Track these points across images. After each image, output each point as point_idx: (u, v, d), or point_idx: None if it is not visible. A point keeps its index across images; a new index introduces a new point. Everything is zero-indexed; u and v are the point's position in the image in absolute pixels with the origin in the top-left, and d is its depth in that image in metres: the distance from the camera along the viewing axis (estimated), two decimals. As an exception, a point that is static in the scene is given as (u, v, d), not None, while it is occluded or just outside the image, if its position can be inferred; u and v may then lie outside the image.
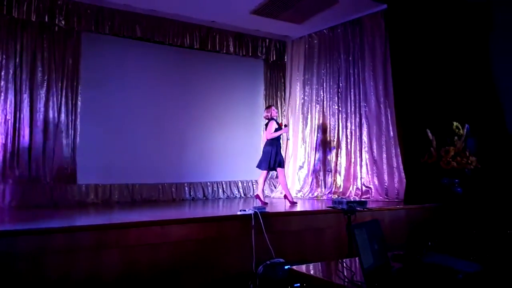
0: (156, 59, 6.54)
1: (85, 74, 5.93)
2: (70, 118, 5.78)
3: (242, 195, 7.06)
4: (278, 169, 5.59)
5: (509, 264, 2.11)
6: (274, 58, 7.53)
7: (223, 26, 6.85)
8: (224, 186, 6.92)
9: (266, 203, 5.49)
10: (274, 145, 5.57)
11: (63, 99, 5.74)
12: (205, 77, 6.95)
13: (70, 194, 5.61)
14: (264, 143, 5.78)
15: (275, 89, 7.74)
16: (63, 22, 5.63)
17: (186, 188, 6.54)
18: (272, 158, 5.49)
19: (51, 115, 5.65)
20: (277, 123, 5.68)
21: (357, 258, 1.87)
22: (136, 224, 3.29)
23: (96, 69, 6.02)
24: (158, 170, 6.33)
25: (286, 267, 3.43)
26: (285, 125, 5.71)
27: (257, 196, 5.64)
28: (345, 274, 2.10)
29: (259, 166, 5.62)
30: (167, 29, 6.42)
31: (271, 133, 5.58)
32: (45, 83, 5.63)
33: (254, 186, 7.25)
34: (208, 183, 6.76)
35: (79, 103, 5.86)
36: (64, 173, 5.64)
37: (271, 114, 5.75)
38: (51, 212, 4.73)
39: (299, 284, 2.30)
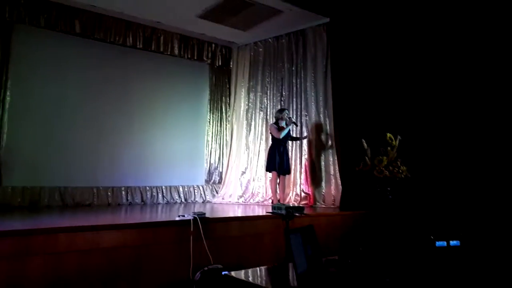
0: (96, 56, 6.26)
1: (16, 69, 5.55)
2: (-4, 115, 5.36)
3: (183, 200, 6.93)
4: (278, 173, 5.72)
5: (428, 269, 2.26)
6: (220, 63, 7.53)
7: (168, 28, 6.74)
8: (164, 191, 6.74)
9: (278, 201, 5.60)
10: (275, 147, 5.69)
11: (-11, 94, 5.31)
12: (147, 78, 6.77)
13: (-7, 196, 5.18)
14: None
15: (220, 94, 7.73)
16: (-9, 11, 5.22)
17: (123, 193, 6.28)
18: (273, 161, 5.64)
19: (-26, 111, 5.20)
20: (278, 126, 5.74)
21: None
22: (65, 229, 3.09)
23: (29, 64, 5.67)
24: (93, 172, 6.04)
25: (224, 273, 3.41)
26: (293, 123, 5.87)
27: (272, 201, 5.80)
28: (280, 279, 2.13)
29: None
30: (109, 27, 6.18)
31: (276, 134, 5.67)
32: (-32, 76, 5.18)
33: (195, 191, 7.15)
34: (147, 188, 6.56)
35: (7, 98, 5.45)
36: (-13, 174, 5.20)
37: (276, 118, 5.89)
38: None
39: (236, 290, 2.29)
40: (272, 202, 5.73)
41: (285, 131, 5.68)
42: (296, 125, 6.08)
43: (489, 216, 4.23)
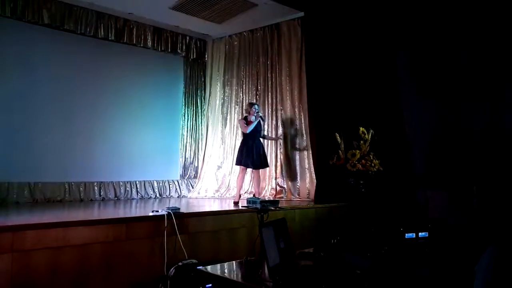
0: (66, 48, 6.07)
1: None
2: (-40, 108, 5.14)
3: (158, 195, 6.85)
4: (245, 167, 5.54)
5: (398, 260, 2.32)
6: (195, 56, 7.44)
7: (141, 19, 6.60)
8: (138, 186, 6.64)
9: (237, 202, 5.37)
10: (244, 142, 5.52)
11: (-49, 87, 5.08)
12: (120, 71, 6.63)
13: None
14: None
15: (195, 88, 7.65)
16: (-49, -1, 4.98)
17: (96, 188, 6.16)
18: (243, 155, 5.42)
19: None
20: (246, 121, 5.55)
21: (266, 257, 1.91)
22: (34, 226, 3.01)
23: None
24: (64, 167, 5.89)
25: (198, 268, 3.40)
26: (260, 117, 5.60)
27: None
28: (254, 273, 2.14)
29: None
30: (79, 17, 5.99)
31: (244, 129, 5.49)
32: None
33: (170, 186, 7.08)
34: (121, 183, 6.44)
35: (-29, 91, 5.23)
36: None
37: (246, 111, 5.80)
38: None
39: (211, 285, 2.30)
40: (240, 197, 5.60)
41: (252, 126, 5.46)
42: (263, 120, 5.99)
43: (456, 207, 4.38)
